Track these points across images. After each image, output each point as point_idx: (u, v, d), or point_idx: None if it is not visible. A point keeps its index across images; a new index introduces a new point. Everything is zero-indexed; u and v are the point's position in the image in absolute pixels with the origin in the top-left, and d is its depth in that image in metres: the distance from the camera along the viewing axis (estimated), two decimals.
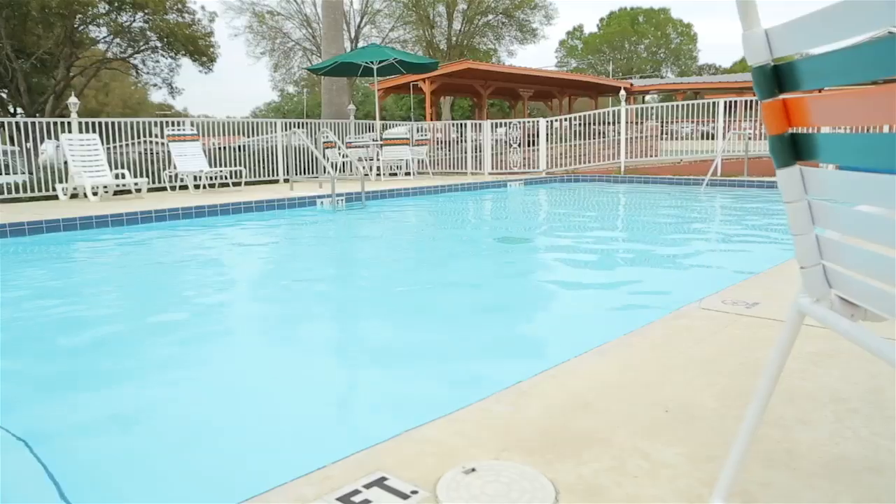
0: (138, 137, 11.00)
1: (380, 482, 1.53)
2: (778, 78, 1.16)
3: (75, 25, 23.00)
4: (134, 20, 24.36)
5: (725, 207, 9.30)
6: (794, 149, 1.17)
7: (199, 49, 25.60)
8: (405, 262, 5.81)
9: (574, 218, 8.71)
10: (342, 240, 7.22)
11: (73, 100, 10.58)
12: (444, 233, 7.72)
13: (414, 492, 1.48)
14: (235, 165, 11.56)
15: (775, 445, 1.69)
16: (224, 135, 12.56)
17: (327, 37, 16.44)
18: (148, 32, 24.98)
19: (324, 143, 12.76)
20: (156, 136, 12.52)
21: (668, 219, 8.35)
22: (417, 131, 14.69)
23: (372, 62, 13.45)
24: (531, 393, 2.09)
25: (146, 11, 23.46)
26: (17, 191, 9.51)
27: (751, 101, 13.91)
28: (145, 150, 11.54)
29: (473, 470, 1.58)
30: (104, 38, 25.36)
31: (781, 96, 1.16)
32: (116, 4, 22.93)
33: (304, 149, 12.90)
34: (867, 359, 2.34)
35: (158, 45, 25.57)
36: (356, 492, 1.49)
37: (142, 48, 25.80)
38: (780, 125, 1.17)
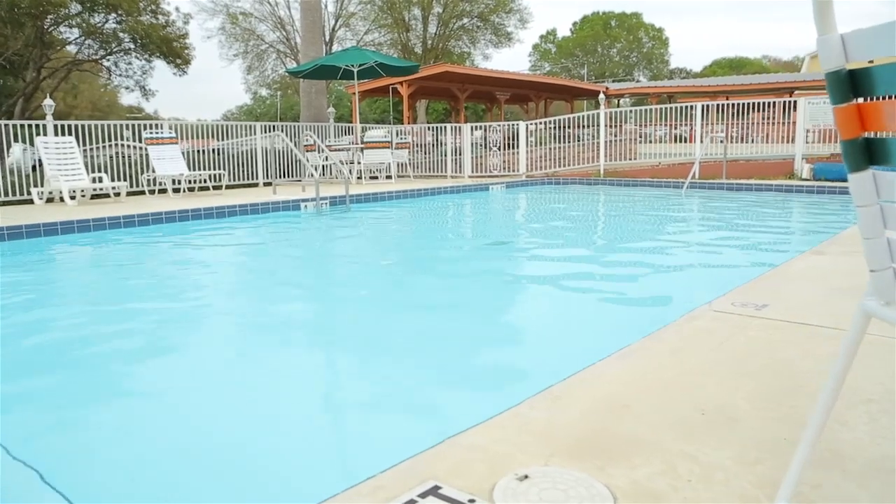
0: (108, 140, 10.75)
1: (434, 491, 1.50)
2: (852, 83, 1.16)
3: (46, 27, 22.49)
4: (107, 21, 23.90)
5: (711, 210, 9.42)
6: (868, 153, 1.17)
7: (174, 51, 25.21)
8: (401, 267, 5.77)
9: (563, 221, 8.75)
10: (334, 244, 7.16)
11: (48, 102, 10.35)
12: (435, 237, 7.70)
13: (472, 500, 1.46)
14: (213, 169, 11.39)
15: (819, 447, 1.70)
16: (203, 138, 12.38)
17: (305, 39, 16.32)
18: (121, 34, 24.53)
19: (305, 145, 12.66)
20: (126, 139, 12.26)
21: (656, 221, 8.43)
22: (397, 135, 14.65)
23: (352, 65, 13.38)
24: (564, 397, 2.08)
25: (119, 13, 23.03)
26: None
27: (722, 105, 14.13)
28: (116, 153, 11.30)
29: (526, 477, 1.56)
30: (76, 39, 24.87)
31: (855, 101, 1.16)
32: (89, 5, 22.46)
33: (283, 152, 12.78)
34: (883, 358, 2.38)
35: (131, 46, 25.12)
36: (412, 501, 1.47)
37: (114, 50, 25.31)
38: (853, 130, 1.17)
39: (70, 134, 10.15)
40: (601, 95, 15.15)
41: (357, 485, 1.55)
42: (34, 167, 10.83)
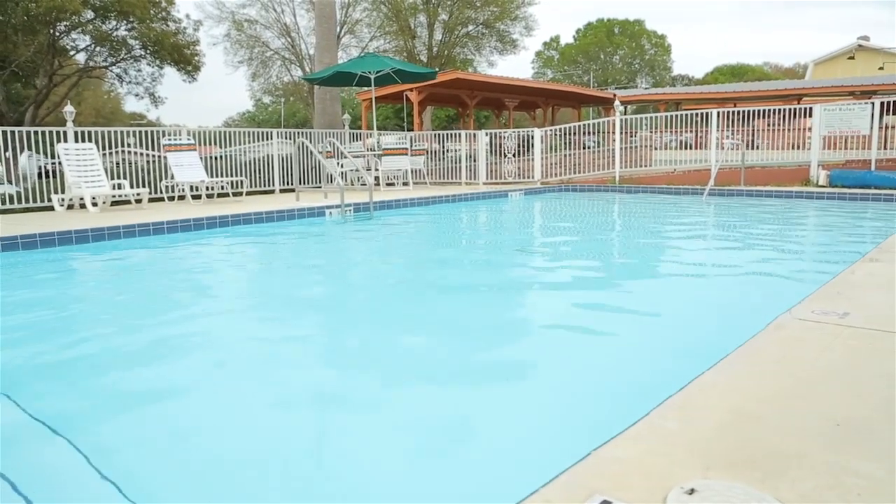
0: (116, 147, 10.69)
1: None
2: None
3: (58, 34, 22.47)
4: (118, 28, 23.93)
5: (738, 217, 9.33)
6: None
7: (185, 57, 25.26)
8: (445, 275, 5.67)
9: (600, 229, 8.67)
10: (371, 251, 7.09)
11: (69, 108, 10.34)
12: (471, 243, 7.66)
13: None
14: (227, 175, 11.36)
15: None
16: (222, 145, 12.36)
17: (320, 46, 16.34)
18: (131, 41, 24.57)
19: (325, 152, 12.65)
20: (129, 145, 12.22)
21: (692, 228, 8.38)
22: (412, 142, 14.66)
23: (369, 72, 13.38)
24: (689, 407, 2.05)
25: (131, 20, 23.05)
26: (10, 202, 9.25)
27: (738, 112, 14.16)
28: (122, 159, 11.26)
29: (693, 490, 1.53)
30: (87, 46, 24.89)
31: None
32: (102, 12, 22.49)
33: (300, 158, 12.76)
34: None
35: (142, 53, 25.16)
36: None
37: (123, 57, 25.34)
38: None
39: (90, 140, 10.13)
40: (616, 102, 15.17)
41: (525, 499, 1.51)
42: (40, 174, 10.80)
